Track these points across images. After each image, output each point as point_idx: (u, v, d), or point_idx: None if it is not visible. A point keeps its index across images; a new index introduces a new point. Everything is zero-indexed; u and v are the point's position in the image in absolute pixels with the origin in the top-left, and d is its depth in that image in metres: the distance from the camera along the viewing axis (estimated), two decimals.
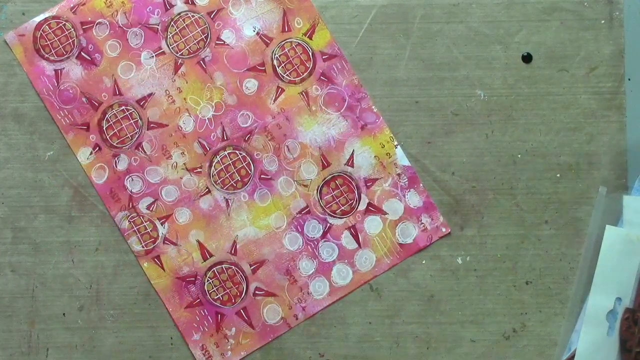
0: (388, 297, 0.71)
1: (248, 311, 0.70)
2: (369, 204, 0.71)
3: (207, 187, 0.71)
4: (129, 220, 0.71)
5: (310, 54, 0.72)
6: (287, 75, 0.72)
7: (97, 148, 0.71)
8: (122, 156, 0.71)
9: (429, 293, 0.71)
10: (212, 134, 0.71)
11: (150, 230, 0.71)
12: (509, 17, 0.73)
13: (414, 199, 0.71)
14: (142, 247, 0.70)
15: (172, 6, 0.72)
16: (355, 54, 0.72)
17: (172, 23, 0.72)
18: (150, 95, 0.72)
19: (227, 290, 0.70)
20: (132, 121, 0.71)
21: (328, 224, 0.71)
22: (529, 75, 0.72)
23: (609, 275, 0.68)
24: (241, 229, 0.71)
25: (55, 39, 0.71)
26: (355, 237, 0.71)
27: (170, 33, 0.72)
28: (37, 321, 0.69)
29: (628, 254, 0.68)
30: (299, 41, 0.72)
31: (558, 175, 0.71)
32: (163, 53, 0.72)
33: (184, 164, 0.71)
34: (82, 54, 0.72)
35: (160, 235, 0.71)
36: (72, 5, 0.72)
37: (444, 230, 0.71)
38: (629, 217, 0.69)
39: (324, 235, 0.71)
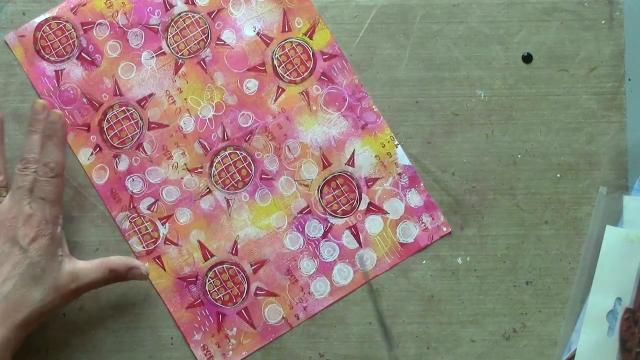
0: (388, 297, 0.71)
1: (249, 311, 0.70)
2: (370, 204, 0.71)
3: (207, 188, 0.71)
4: (129, 221, 0.71)
5: (311, 53, 0.72)
6: (287, 75, 0.72)
7: (98, 148, 0.71)
8: (122, 157, 0.71)
9: (429, 293, 0.71)
10: (213, 134, 0.71)
11: (151, 231, 0.71)
12: (509, 17, 0.73)
13: (415, 199, 0.71)
14: (143, 247, 0.70)
15: (172, 6, 0.72)
16: (355, 54, 0.72)
17: (172, 23, 0.72)
18: (150, 95, 0.71)
19: (228, 291, 0.70)
20: (132, 121, 0.71)
21: (329, 224, 0.71)
22: (529, 75, 0.72)
23: (609, 275, 0.68)
24: (242, 229, 0.71)
25: (56, 39, 0.71)
26: (356, 236, 0.71)
27: (171, 33, 0.72)
28: None
29: (628, 254, 0.68)
30: (300, 41, 0.72)
31: (558, 175, 0.72)
32: (163, 53, 0.72)
33: (185, 164, 0.71)
34: (83, 54, 0.72)
35: (161, 235, 0.71)
36: (72, 5, 0.72)
37: (444, 229, 0.71)
38: (629, 217, 0.69)
39: (324, 235, 0.71)
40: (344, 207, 0.71)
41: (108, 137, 0.71)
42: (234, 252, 0.71)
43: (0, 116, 0.69)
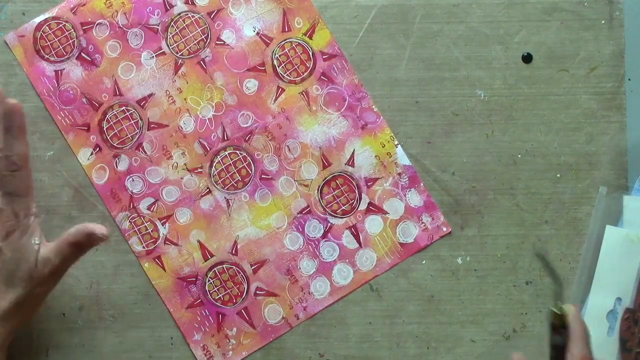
0: (388, 297, 0.71)
1: (249, 311, 0.70)
2: (370, 204, 0.71)
3: (207, 188, 0.71)
4: (129, 221, 0.71)
5: (311, 53, 0.72)
6: (287, 75, 0.72)
7: (98, 148, 0.71)
8: (122, 157, 0.71)
9: (429, 293, 0.71)
10: (213, 134, 0.71)
11: (151, 231, 0.71)
12: (509, 17, 0.73)
13: (415, 199, 0.71)
14: (143, 247, 0.70)
15: (172, 6, 0.72)
16: (355, 53, 0.72)
17: (172, 23, 0.72)
18: (150, 95, 0.71)
19: (228, 291, 0.70)
20: (132, 122, 0.71)
21: (329, 224, 0.71)
22: (529, 75, 0.72)
23: (609, 275, 0.68)
24: (242, 229, 0.71)
25: (56, 39, 0.71)
26: (356, 236, 0.71)
27: (171, 33, 0.72)
28: (37, 321, 0.69)
29: (628, 254, 0.68)
30: (299, 41, 0.72)
31: (558, 175, 0.72)
32: (163, 53, 0.72)
33: (185, 164, 0.71)
34: (82, 54, 0.72)
35: (161, 235, 0.71)
36: (72, 5, 0.72)
37: (444, 229, 0.71)
38: (629, 217, 0.69)
39: (324, 235, 0.71)
40: (343, 207, 0.71)
41: (108, 137, 0.71)
42: (233, 252, 0.71)
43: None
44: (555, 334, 0.61)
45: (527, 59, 0.72)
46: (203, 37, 0.72)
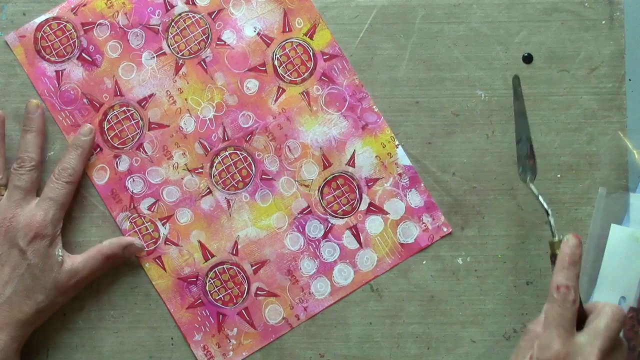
0: (388, 297, 0.71)
1: (250, 311, 0.70)
2: (370, 204, 0.71)
3: (208, 188, 0.71)
4: (130, 221, 0.70)
5: (311, 54, 0.72)
6: (288, 75, 0.72)
7: (98, 149, 0.71)
8: (123, 157, 0.71)
9: (429, 293, 0.71)
10: (213, 135, 0.71)
11: (152, 231, 0.71)
12: (509, 17, 0.73)
13: (415, 199, 0.71)
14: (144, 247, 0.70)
15: (172, 7, 0.72)
16: (356, 54, 0.72)
17: (172, 24, 0.72)
18: (151, 95, 0.71)
19: (229, 291, 0.70)
20: (133, 122, 0.71)
21: (329, 224, 0.71)
22: (530, 75, 0.72)
23: (614, 274, 0.68)
24: (242, 229, 0.71)
25: (56, 40, 0.71)
26: (357, 237, 0.71)
27: (171, 34, 0.72)
28: None
29: (633, 252, 0.68)
30: (300, 41, 0.72)
31: (558, 175, 0.72)
32: (164, 54, 0.72)
33: (185, 164, 0.71)
34: (83, 54, 0.72)
35: (161, 235, 0.71)
36: (72, 6, 0.72)
37: (445, 229, 0.71)
38: (635, 216, 0.69)
39: (325, 235, 0.71)
40: (344, 208, 0.71)
41: (108, 138, 0.71)
42: (234, 252, 0.71)
43: (1, 116, 0.69)
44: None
45: (528, 59, 0.72)
46: (204, 37, 0.72)
